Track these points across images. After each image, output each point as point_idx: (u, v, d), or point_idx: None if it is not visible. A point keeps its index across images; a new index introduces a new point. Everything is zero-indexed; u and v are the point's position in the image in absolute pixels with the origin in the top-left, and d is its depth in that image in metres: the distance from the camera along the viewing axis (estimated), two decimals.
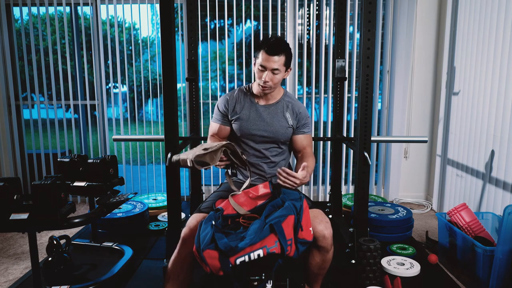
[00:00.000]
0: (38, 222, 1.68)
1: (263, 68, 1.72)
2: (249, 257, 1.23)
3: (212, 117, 1.97)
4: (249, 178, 1.65)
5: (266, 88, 1.78)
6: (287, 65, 1.76)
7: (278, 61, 1.70)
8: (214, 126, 1.93)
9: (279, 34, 3.45)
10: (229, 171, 1.73)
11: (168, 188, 2.00)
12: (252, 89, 1.90)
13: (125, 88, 3.66)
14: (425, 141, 2.48)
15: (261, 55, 1.71)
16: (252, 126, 1.84)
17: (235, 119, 1.87)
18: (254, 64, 1.79)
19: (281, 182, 1.55)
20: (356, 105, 2.24)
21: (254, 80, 1.86)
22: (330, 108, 3.56)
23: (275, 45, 1.70)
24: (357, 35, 3.54)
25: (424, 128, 3.56)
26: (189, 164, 1.37)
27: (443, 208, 3.28)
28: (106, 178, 2.19)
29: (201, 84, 3.43)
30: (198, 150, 1.46)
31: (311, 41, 3.57)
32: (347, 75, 2.82)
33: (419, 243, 2.63)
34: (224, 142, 1.54)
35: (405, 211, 2.69)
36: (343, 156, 3.24)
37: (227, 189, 1.81)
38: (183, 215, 2.82)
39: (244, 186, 1.62)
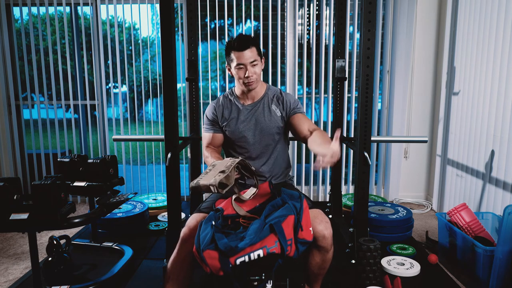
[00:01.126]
0: (38, 222, 1.68)
1: (242, 65, 1.75)
2: (249, 257, 1.23)
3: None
4: (255, 189, 1.60)
5: (251, 84, 1.79)
6: (260, 55, 1.80)
7: (251, 53, 1.74)
8: (207, 136, 1.93)
9: (279, 34, 3.45)
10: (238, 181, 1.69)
11: (168, 188, 2.00)
12: (235, 92, 1.92)
13: (125, 88, 3.66)
14: (425, 141, 2.48)
15: (234, 55, 1.74)
16: (243, 128, 1.86)
17: (226, 125, 1.89)
18: (229, 69, 1.83)
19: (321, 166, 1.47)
20: (356, 105, 2.23)
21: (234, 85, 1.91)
22: (330, 108, 3.56)
23: (242, 40, 1.74)
24: (357, 35, 3.54)
25: (424, 128, 3.56)
26: (213, 191, 1.37)
27: (443, 208, 3.28)
28: (106, 178, 2.19)
29: (201, 84, 3.44)
30: (215, 173, 1.43)
31: (311, 41, 3.57)
32: (347, 75, 2.82)
33: (419, 243, 2.63)
34: (237, 160, 1.51)
35: (405, 211, 2.69)
36: (343, 156, 3.24)
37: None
38: (183, 215, 2.82)
39: (250, 194, 1.59)
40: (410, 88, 3.51)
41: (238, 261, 1.23)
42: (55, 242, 1.98)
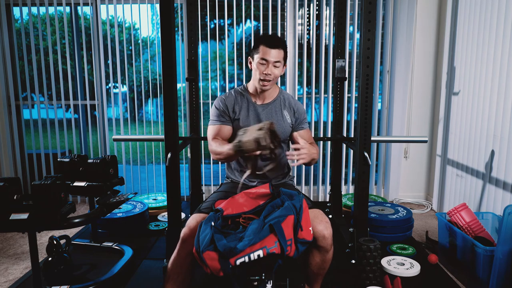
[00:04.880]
0: (38, 222, 1.68)
1: (264, 61, 1.74)
2: (249, 258, 1.23)
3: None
4: (274, 163, 1.59)
5: (266, 83, 1.78)
6: (284, 60, 1.79)
7: (278, 54, 1.74)
8: (214, 128, 1.83)
9: (279, 34, 3.45)
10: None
11: (168, 188, 2.00)
12: (248, 89, 1.89)
13: (125, 88, 3.66)
14: (425, 141, 2.48)
15: (261, 49, 1.74)
16: None
17: (234, 120, 1.85)
18: (250, 62, 1.82)
19: (296, 162, 1.61)
20: (356, 105, 2.23)
21: (249, 80, 1.88)
22: (330, 108, 3.56)
23: (274, 39, 1.75)
24: (357, 35, 3.54)
25: (424, 128, 3.56)
26: (259, 144, 1.25)
27: (443, 208, 3.28)
28: (106, 178, 2.19)
29: (201, 84, 3.43)
30: (253, 132, 1.33)
31: (311, 41, 3.57)
32: (347, 75, 2.82)
33: (419, 243, 2.63)
34: (267, 122, 1.43)
35: (405, 211, 2.69)
36: (343, 156, 3.24)
37: (227, 190, 1.81)
38: (183, 215, 2.82)
39: (267, 168, 1.58)
40: (410, 88, 3.51)
41: (238, 262, 1.23)
42: (55, 242, 1.98)
